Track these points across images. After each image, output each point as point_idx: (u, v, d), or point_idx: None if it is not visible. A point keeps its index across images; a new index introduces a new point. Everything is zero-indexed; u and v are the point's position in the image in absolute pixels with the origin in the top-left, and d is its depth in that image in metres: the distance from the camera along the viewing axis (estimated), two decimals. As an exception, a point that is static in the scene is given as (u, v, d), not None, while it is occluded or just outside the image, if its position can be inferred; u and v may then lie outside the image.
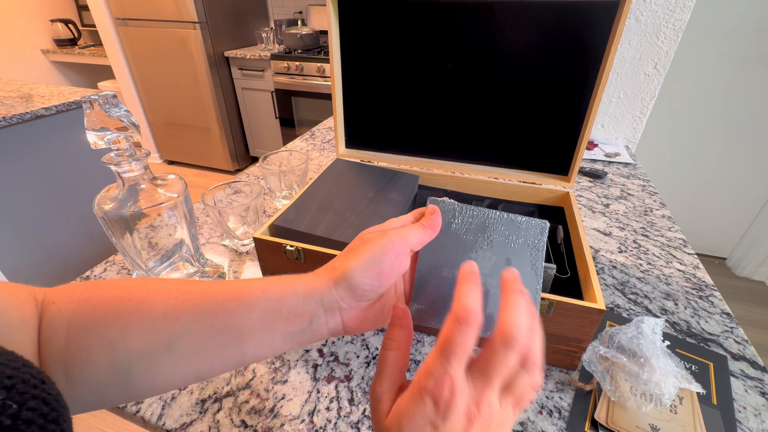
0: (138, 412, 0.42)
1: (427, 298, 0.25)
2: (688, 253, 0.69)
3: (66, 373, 0.24)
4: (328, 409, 0.42)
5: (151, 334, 0.25)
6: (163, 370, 0.25)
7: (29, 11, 2.87)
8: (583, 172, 0.98)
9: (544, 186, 0.66)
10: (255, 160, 2.95)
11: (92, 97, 0.42)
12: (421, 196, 0.71)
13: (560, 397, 0.44)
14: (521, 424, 0.41)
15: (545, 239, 0.28)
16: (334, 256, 0.48)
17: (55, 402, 0.17)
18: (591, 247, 0.70)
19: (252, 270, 0.62)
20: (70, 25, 3.01)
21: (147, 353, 0.25)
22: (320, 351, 0.49)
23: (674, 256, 0.68)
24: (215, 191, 0.67)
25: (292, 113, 2.50)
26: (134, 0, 2.32)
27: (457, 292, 0.21)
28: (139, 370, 0.25)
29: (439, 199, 0.29)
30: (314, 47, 2.42)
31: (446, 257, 0.27)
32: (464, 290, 0.22)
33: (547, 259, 0.56)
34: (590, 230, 0.75)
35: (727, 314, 0.56)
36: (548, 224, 0.29)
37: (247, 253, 0.66)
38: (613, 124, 1.17)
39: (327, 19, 0.63)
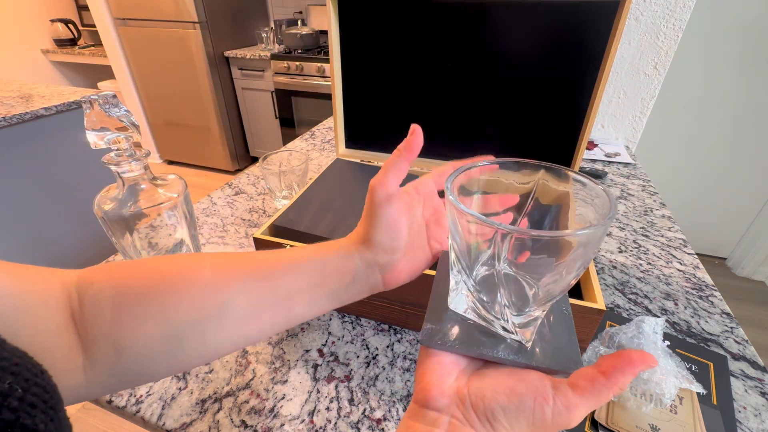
0: (138, 412, 0.42)
1: (439, 320, 0.25)
2: (688, 253, 0.69)
3: (116, 347, 0.24)
4: (328, 409, 0.42)
5: (202, 302, 0.25)
6: (215, 337, 0.26)
7: (29, 11, 2.87)
8: (583, 172, 0.98)
9: (544, 186, 0.66)
10: (255, 160, 2.95)
11: (92, 97, 0.42)
12: (421, 196, 0.71)
13: (560, 397, 0.44)
14: (521, 424, 0.41)
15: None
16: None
17: (53, 392, 0.18)
18: (591, 247, 0.70)
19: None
20: (70, 25, 3.01)
21: (199, 320, 0.25)
22: (320, 351, 0.49)
23: (674, 256, 0.68)
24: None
25: (292, 113, 2.50)
26: (134, 0, 2.32)
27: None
28: (192, 338, 0.25)
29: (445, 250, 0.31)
30: (314, 47, 2.42)
31: None
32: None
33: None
34: (590, 230, 0.75)
35: (727, 314, 0.56)
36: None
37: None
38: (613, 124, 1.17)
39: (327, 19, 0.63)
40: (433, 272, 0.37)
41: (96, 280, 0.25)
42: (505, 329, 0.23)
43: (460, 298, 0.25)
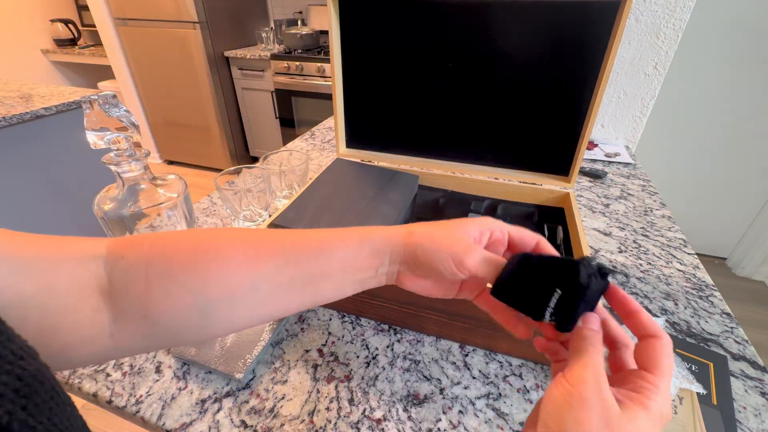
0: (138, 412, 0.42)
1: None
2: (688, 253, 0.69)
3: (145, 316, 0.25)
4: (328, 409, 0.42)
5: (231, 281, 0.27)
6: (241, 314, 0.27)
7: (29, 11, 2.87)
8: (583, 172, 0.98)
9: (545, 186, 0.66)
10: (255, 160, 2.95)
11: (92, 97, 0.42)
12: (421, 196, 0.71)
13: (560, 397, 0.44)
14: (521, 424, 0.41)
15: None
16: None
17: (31, 377, 0.17)
18: (591, 247, 0.70)
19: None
20: (70, 25, 3.01)
21: (228, 298, 0.27)
22: (320, 351, 0.49)
23: (674, 256, 0.68)
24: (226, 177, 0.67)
25: (292, 113, 2.50)
26: (134, 0, 2.32)
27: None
28: (219, 313, 0.27)
29: None
30: (314, 47, 2.42)
31: None
32: None
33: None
34: (590, 230, 0.75)
35: (727, 314, 0.56)
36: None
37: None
38: (613, 124, 1.17)
39: (327, 19, 0.63)
40: None
41: (125, 254, 0.26)
42: None
43: None
